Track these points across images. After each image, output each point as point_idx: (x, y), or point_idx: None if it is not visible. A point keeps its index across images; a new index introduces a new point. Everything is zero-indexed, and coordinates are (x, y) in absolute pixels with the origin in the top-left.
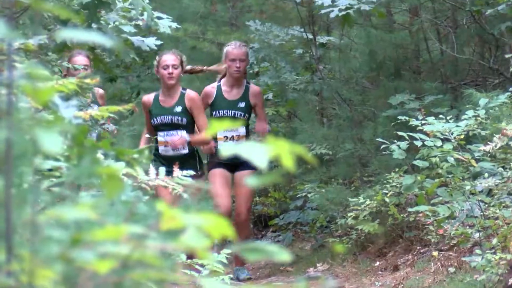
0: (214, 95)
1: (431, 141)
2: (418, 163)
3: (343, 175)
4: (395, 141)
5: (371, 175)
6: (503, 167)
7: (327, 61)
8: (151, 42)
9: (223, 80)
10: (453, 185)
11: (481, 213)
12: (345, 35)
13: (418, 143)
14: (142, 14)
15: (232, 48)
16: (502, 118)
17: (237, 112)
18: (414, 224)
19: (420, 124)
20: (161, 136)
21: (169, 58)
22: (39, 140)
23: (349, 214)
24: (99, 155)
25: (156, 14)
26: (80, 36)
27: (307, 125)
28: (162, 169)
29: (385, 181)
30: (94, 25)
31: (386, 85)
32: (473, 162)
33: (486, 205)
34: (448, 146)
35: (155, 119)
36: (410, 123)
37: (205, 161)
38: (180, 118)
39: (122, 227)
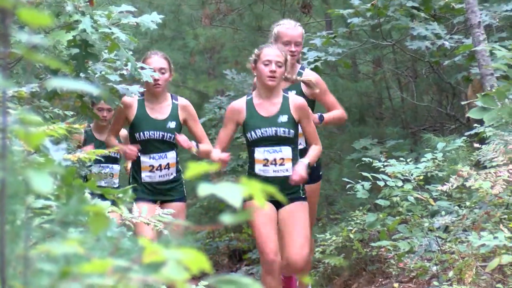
0: None
1: (392, 181)
2: (381, 202)
3: None
4: (359, 181)
5: (337, 213)
6: (458, 205)
7: None
8: (135, 89)
9: None
10: (413, 222)
11: (438, 248)
12: None
13: (381, 183)
14: (126, 65)
15: (286, 28)
16: (458, 160)
17: None
18: (376, 258)
19: (382, 166)
20: (260, 153)
21: (273, 53)
22: (31, 181)
23: (316, 249)
24: (86, 194)
25: (139, 64)
26: (69, 85)
27: None
28: (145, 208)
29: (350, 219)
30: (82, 75)
31: (351, 130)
32: (431, 201)
33: (443, 241)
34: (408, 186)
35: (253, 133)
36: (374, 164)
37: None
38: (286, 130)
39: (108, 261)
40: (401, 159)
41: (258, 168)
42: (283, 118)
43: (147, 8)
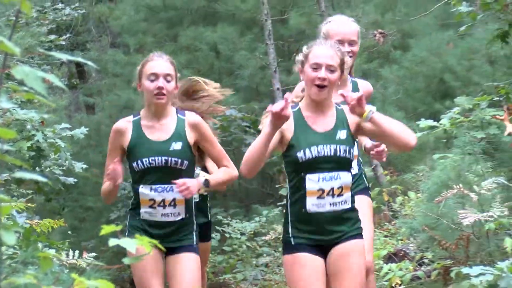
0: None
1: (234, 234)
2: (226, 248)
3: None
4: (214, 232)
5: None
6: (274, 250)
7: None
8: (71, 180)
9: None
10: (246, 261)
11: (262, 277)
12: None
13: (227, 235)
14: (65, 161)
15: (338, 25)
16: (274, 221)
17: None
18: (223, 284)
19: (227, 225)
20: (314, 182)
21: (324, 53)
22: (2, 237)
23: None
24: (39, 245)
25: (74, 161)
26: (28, 175)
27: None
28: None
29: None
30: (37, 169)
31: None
32: (257, 247)
33: (265, 273)
34: (244, 238)
35: (307, 151)
36: (223, 222)
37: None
38: (347, 149)
39: None
40: (239, 220)
41: (311, 203)
42: (342, 134)
43: (78, 125)
